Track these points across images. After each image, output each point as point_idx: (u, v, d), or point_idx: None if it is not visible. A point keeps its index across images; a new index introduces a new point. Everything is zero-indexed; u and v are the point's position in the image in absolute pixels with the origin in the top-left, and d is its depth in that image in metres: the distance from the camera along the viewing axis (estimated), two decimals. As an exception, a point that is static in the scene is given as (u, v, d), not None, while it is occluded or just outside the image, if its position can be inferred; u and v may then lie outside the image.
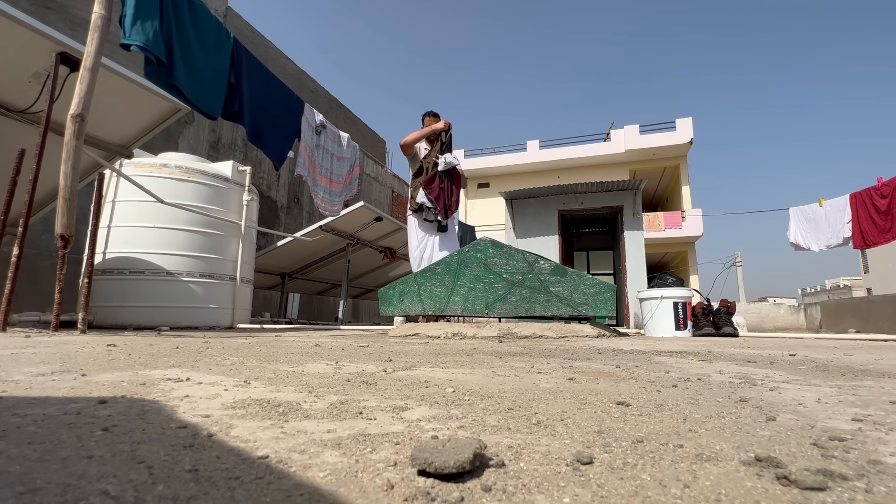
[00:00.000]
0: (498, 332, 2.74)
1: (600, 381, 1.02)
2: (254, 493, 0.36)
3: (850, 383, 1.03)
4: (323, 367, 1.18)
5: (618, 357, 1.58)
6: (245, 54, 3.24)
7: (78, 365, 1.07)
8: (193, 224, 3.66)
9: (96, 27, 2.30)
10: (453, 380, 1.01)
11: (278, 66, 8.11)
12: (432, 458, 0.41)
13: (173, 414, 0.63)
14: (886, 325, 7.05)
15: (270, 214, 7.85)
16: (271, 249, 5.67)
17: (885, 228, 6.80)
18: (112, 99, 3.08)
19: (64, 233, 2.16)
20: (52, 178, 2.97)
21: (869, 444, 0.54)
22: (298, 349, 1.72)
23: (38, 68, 2.67)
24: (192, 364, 1.17)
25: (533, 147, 20.49)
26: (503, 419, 0.64)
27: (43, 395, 0.73)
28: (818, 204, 7.88)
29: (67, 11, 4.77)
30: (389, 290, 3.35)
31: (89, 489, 0.36)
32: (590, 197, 7.86)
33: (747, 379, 1.08)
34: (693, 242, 18.44)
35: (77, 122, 2.21)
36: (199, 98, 2.82)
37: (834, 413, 0.71)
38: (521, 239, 8.07)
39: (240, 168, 4.10)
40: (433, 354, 1.60)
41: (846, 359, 1.64)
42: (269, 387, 0.87)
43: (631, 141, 18.58)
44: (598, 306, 2.98)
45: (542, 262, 3.10)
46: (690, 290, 4.10)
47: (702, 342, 2.72)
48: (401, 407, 0.71)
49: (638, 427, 0.61)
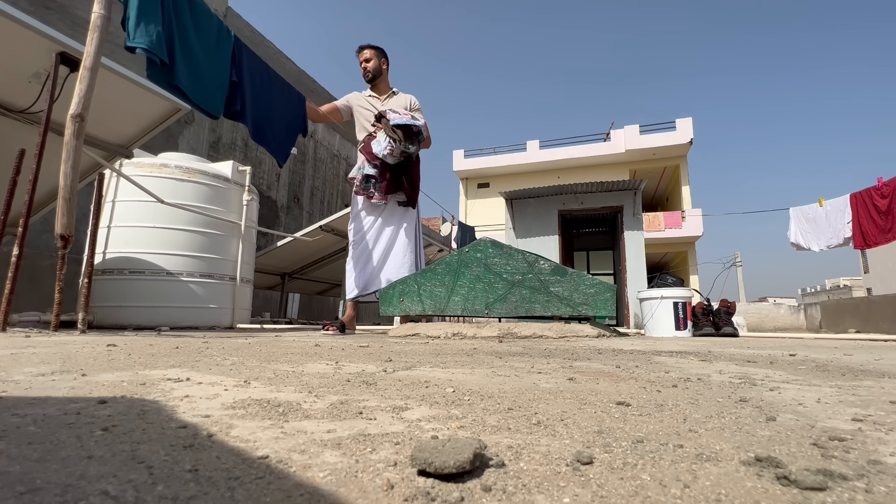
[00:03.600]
0: (498, 332, 2.74)
1: (600, 381, 1.02)
2: (254, 493, 0.36)
3: (850, 383, 1.03)
4: (323, 367, 1.18)
5: (618, 357, 1.58)
6: (246, 52, 3.23)
7: (78, 365, 1.07)
8: (193, 224, 3.65)
9: (96, 27, 2.30)
10: (453, 380, 1.01)
11: (278, 66, 8.10)
12: (432, 458, 0.41)
13: (173, 414, 0.63)
14: (886, 325, 7.05)
15: (270, 214, 7.85)
16: (271, 249, 5.67)
17: (886, 228, 6.80)
18: (112, 99, 3.08)
19: (64, 233, 2.16)
20: (52, 178, 2.97)
21: (869, 444, 0.54)
22: (298, 349, 1.72)
23: (38, 68, 2.67)
24: (192, 364, 1.17)
25: (533, 147, 20.49)
26: (503, 419, 0.64)
27: (43, 395, 0.73)
28: (818, 204, 7.88)
29: (67, 11, 4.77)
30: (389, 290, 3.35)
31: (89, 489, 0.36)
32: (590, 197, 7.86)
33: (747, 379, 1.08)
34: (693, 242, 18.44)
35: (77, 122, 2.21)
36: (201, 98, 2.82)
37: (834, 413, 0.71)
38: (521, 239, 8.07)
39: (240, 168, 4.10)
40: (433, 354, 1.60)
41: (846, 359, 1.64)
42: (269, 387, 0.87)
43: (631, 141, 18.59)
44: (598, 306, 2.98)
45: (542, 262, 3.10)
46: (690, 290, 4.10)
47: (702, 342, 2.72)
48: (401, 407, 0.71)
49: (638, 427, 0.61)
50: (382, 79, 3.82)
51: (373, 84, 3.81)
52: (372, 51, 3.76)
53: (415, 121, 3.40)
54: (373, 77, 3.77)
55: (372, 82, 3.80)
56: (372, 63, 3.74)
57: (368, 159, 3.54)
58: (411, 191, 3.68)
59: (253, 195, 4.17)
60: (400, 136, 3.38)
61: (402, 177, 3.61)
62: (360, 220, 3.70)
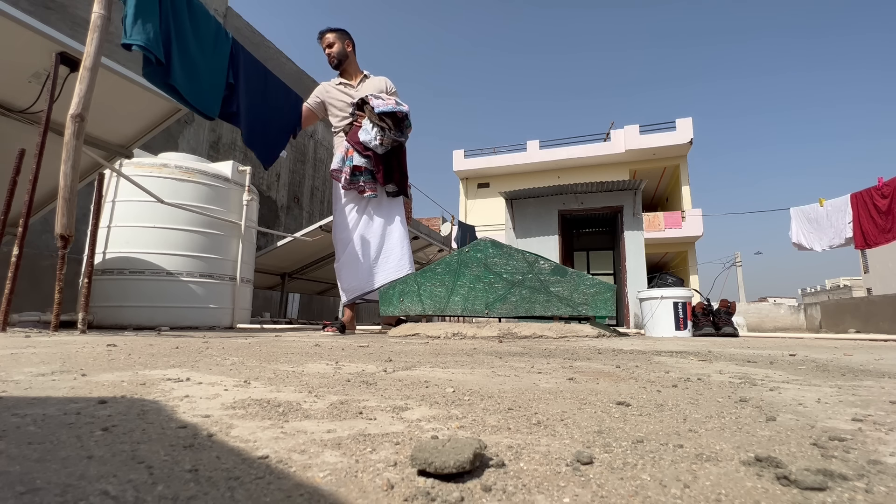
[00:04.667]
0: (498, 332, 2.74)
1: (600, 381, 1.02)
2: (254, 493, 0.36)
3: (850, 383, 1.02)
4: (323, 367, 1.18)
5: (618, 357, 1.58)
6: (244, 54, 3.22)
7: (78, 365, 1.07)
8: (193, 224, 3.65)
9: (96, 27, 2.30)
10: (453, 380, 1.01)
11: (278, 66, 8.10)
12: (432, 458, 0.41)
13: (173, 414, 0.63)
14: (886, 325, 7.05)
15: (270, 214, 7.85)
16: (271, 249, 5.67)
17: (886, 228, 6.80)
18: (112, 99, 3.08)
19: (64, 233, 2.16)
20: (52, 178, 2.97)
21: (869, 444, 0.54)
22: (298, 349, 1.72)
23: (38, 68, 2.67)
24: (192, 364, 1.17)
25: (533, 147, 20.50)
26: (503, 419, 0.64)
27: (43, 395, 0.73)
28: (819, 204, 7.88)
29: (67, 11, 4.77)
30: (389, 290, 3.35)
31: (89, 489, 0.36)
32: (590, 197, 7.86)
33: (747, 379, 1.08)
34: (693, 242, 18.45)
35: (77, 122, 2.21)
36: (197, 98, 2.82)
37: (834, 413, 0.71)
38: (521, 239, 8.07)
39: (240, 168, 4.10)
40: (433, 354, 1.60)
41: (846, 359, 1.64)
42: (269, 387, 0.87)
43: (631, 141, 18.60)
44: (598, 306, 2.98)
45: (542, 262, 3.10)
46: (690, 290, 4.10)
47: (702, 342, 2.72)
48: (401, 407, 0.71)
49: (638, 427, 0.61)
50: (350, 62, 3.63)
51: (341, 70, 3.62)
52: (334, 34, 3.56)
53: (400, 106, 3.26)
54: (338, 62, 3.58)
55: (338, 68, 3.61)
56: (336, 48, 3.55)
57: (358, 149, 3.35)
58: (401, 179, 3.54)
59: (253, 195, 4.17)
60: (389, 124, 3.25)
61: (394, 165, 3.46)
62: (344, 216, 3.51)
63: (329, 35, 3.57)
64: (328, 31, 3.59)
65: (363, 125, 3.33)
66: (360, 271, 3.51)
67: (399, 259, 3.53)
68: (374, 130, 3.26)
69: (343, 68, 3.64)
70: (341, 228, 3.53)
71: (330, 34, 3.57)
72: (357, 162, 3.37)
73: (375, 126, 3.27)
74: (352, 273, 3.52)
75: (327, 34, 3.58)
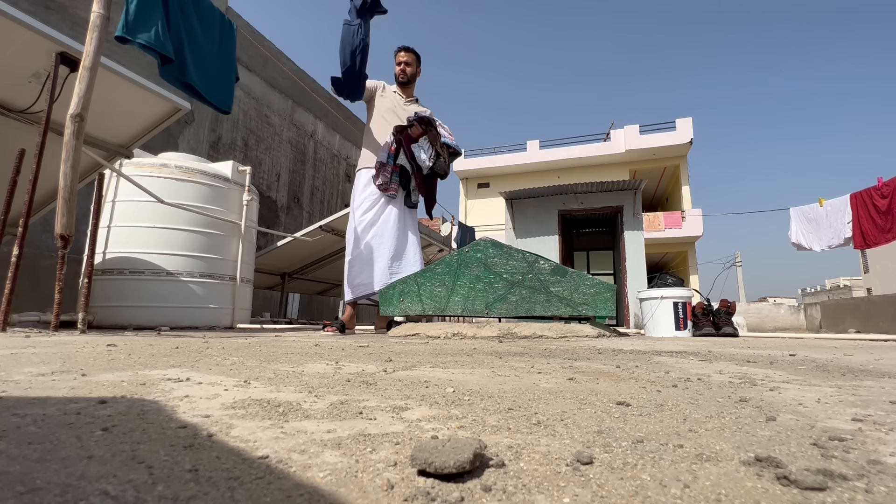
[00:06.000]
0: (498, 332, 2.74)
1: (600, 381, 1.02)
2: (254, 493, 0.36)
3: (850, 383, 1.03)
4: (323, 367, 1.18)
5: (618, 357, 1.58)
6: None
7: (78, 365, 1.07)
8: (193, 224, 3.65)
9: (95, 27, 2.30)
10: (453, 380, 1.01)
11: (278, 66, 8.11)
12: (432, 458, 0.41)
13: (173, 414, 0.63)
14: (886, 325, 7.05)
15: (270, 214, 7.85)
16: (271, 249, 5.67)
17: (886, 228, 6.81)
18: (112, 99, 3.08)
19: (64, 233, 2.16)
20: (52, 178, 2.97)
21: (869, 444, 0.54)
22: (298, 349, 1.72)
23: (38, 68, 2.67)
24: (192, 364, 1.17)
25: (533, 147, 20.49)
26: (503, 419, 0.64)
27: (43, 395, 0.73)
28: (818, 204, 7.88)
29: (67, 11, 4.77)
30: (389, 290, 3.35)
31: (89, 489, 0.36)
32: (590, 197, 7.86)
33: (747, 379, 1.08)
34: (693, 242, 18.44)
35: (77, 122, 2.21)
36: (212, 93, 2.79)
37: (834, 413, 0.71)
38: (521, 239, 8.07)
39: (240, 168, 4.10)
40: (433, 354, 1.60)
41: (846, 359, 1.64)
42: (269, 387, 0.87)
43: (631, 141, 18.59)
44: (598, 306, 2.97)
45: (542, 262, 3.10)
46: (690, 290, 4.10)
47: (702, 342, 2.72)
48: (401, 407, 0.71)
49: (638, 427, 0.61)
50: (412, 85, 3.99)
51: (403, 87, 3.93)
52: (412, 56, 3.89)
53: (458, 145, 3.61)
54: (408, 81, 3.90)
55: (403, 84, 3.92)
56: (411, 69, 3.87)
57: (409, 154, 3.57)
58: (429, 201, 3.86)
59: (253, 195, 4.17)
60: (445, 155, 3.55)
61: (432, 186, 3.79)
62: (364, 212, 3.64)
63: (410, 54, 3.89)
64: (411, 50, 3.89)
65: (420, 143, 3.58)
66: (375, 269, 3.58)
67: (412, 266, 3.66)
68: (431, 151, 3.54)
69: (405, 87, 3.95)
70: (360, 224, 3.62)
71: (409, 54, 3.88)
72: (402, 162, 3.62)
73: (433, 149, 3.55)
74: (365, 270, 3.59)
75: (409, 52, 3.88)
